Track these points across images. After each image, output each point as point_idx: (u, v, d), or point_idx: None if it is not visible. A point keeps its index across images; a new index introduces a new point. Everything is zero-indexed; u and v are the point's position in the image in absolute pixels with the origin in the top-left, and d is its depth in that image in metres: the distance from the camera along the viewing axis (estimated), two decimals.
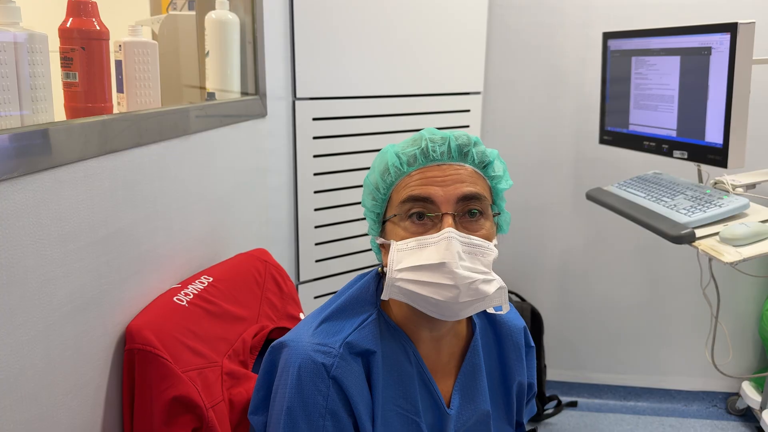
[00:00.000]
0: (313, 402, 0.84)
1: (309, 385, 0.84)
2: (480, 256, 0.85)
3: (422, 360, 0.93)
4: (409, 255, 0.85)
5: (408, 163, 0.89)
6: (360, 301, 0.93)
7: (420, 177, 0.87)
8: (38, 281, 0.80)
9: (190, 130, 1.23)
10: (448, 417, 0.94)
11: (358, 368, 0.87)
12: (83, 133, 0.87)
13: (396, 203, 0.89)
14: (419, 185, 0.87)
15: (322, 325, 0.91)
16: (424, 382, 0.93)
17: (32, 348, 0.79)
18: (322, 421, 0.84)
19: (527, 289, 2.57)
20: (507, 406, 1.02)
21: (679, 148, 1.72)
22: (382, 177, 0.91)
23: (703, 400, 2.54)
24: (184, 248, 1.21)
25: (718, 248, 1.42)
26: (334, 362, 0.85)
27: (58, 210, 0.83)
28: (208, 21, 1.57)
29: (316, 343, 0.87)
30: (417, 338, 0.93)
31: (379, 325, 0.91)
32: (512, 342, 1.02)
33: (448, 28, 2.12)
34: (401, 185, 0.89)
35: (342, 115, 1.96)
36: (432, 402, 0.93)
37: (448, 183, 0.86)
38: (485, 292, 0.84)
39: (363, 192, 0.95)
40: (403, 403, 0.91)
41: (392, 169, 0.89)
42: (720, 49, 1.55)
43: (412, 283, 0.84)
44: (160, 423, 0.95)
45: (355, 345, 0.88)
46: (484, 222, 0.88)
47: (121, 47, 1.18)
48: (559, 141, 2.44)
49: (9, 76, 0.84)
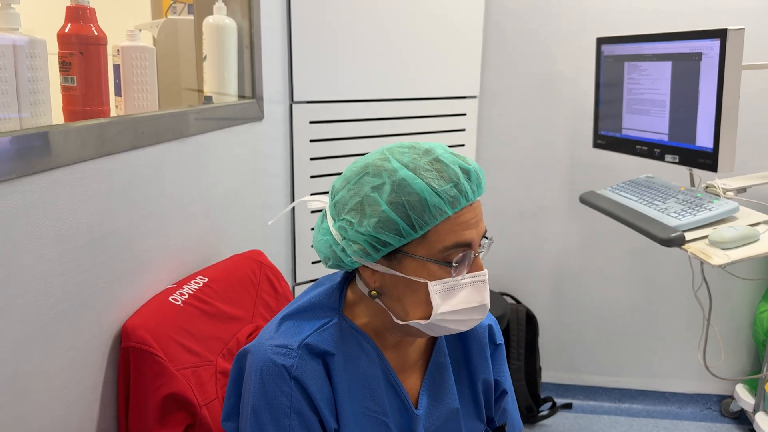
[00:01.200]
0: (278, 403, 0.86)
1: (272, 387, 0.86)
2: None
3: (387, 361, 0.95)
4: (446, 297, 0.87)
5: (451, 205, 0.84)
6: (322, 306, 0.95)
7: (463, 221, 0.86)
8: (35, 279, 0.82)
9: (186, 132, 1.25)
10: (417, 418, 0.96)
11: (318, 368, 0.89)
12: (80, 136, 0.89)
13: (435, 245, 0.85)
14: (463, 229, 0.86)
15: (283, 325, 0.92)
16: (390, 384, 0.95)
17: (30, 344, 0.81)
18: (288, 420, 0.86)
19: (522, 292, 2.59)
20: (475, 403, 1.04)
21: (671, 152, 1.74)
22: (412, 213, 0.84)
23: (698, 403, 2.56)
24: (180, 249, 1.24)
25: (707, 251, 1.44)
26: (294, 363, 0.87)
27: (55, 211, 0.85)
28: (205, 25, 1.60)
29: (275, 346, 0.89)
30: (381, 341, 0.95)
31: (341, 329, 0.93)
32: (476, 340, 1.04)
33: (444, 32, 2.14)
34: (444, 229, 0.85)
35: (338, 119, 1.98)
36: (399, 403, 0.95)
37: (477, 222, 0.88)
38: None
39: (353, 214, 0.87)
40: (371, 405, 0.93)
41: (433, 210, 0.84)
42: (710, 54, 1.57)
43: (452, 323, 0.89)
44: (154, 420, 0.97)
45: (314, 347, 0.89)
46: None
47: (119, 51, 1.21)
48: (554, 145, 2.46)
49: (8, 81, 0.86)
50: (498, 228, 2.56)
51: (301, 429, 0.86)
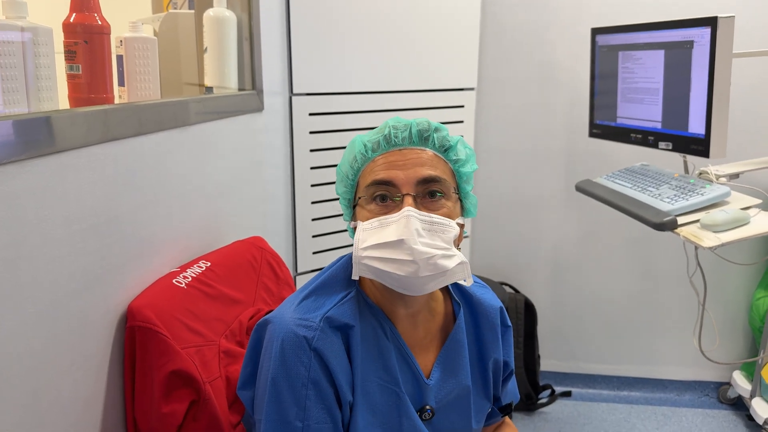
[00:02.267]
0: (296, 372, 0.89)
1: (292, 357, 0.89)
2: (440, 233, 0.90)
3: (400, 335, 0.98)
4: (372, 234, 0.90)
5: (372, 149, 0.95)
6: (339, 279, 0.98)
7: (383, 162, 0.94)
8: (44, 259, 0.85)
9: (188, 121, 1.28)
10: (427, 387, 0.99)
11: (337, 341, 0.92)
12: (86, 121, 0.92)
13: (362, 187, 0.95)
14: (382, 169, 0.93)
15: (304, 301, 0.96)
16: (403, 356, 0.97)
17: (39, 321, 0.84)
18: (304, 390, 0.89)
19: (521, 281, 2.62)
20: (484, 381, 1.07)
21: (664, 139, 1.77)
22: (350, 164, 0.97)
23: (695, 390, 2.59)
24: (183, 234, 1.27)
25: (699, 234, 1.47)
26: (315, 335, 0.90)
27: (62, 193, 0.88)
28: (206, 18, 1.63)
29: (298, 318, 0.92)
30: (394, 315, 0.98)
31: (358, 302, 0.96)
32: (488, 321, 1.07)
33: (442, 25, 2.17)
34: (367, 170, 0.95)
35: (338, 111, 2.01)
36: (411, 374, 0.98)
37: (409, 166, 0.92)
38: (444, 266, 0.89)
39: (336, 181, 1.01)
40: (383, 375, 0.96)
41: (359, 156, 0.96)
42: (701, 42, 1.60)
43: (375, 260, 0.89)
44: (160, 395, 1.00)
45: (334, 319, 0.93)
46: (446, 202, 0.93)
47: (122, 42, 1.24)
48: (551, 135, 2.49)
49: (16, 67, 0.89)
50: (496, 217, 2.59)
51: (317, 399, 0.89)
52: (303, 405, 0.89)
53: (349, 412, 0.93)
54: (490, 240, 2.61)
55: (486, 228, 2.60)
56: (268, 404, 0.90)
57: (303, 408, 0.88)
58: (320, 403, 0.89)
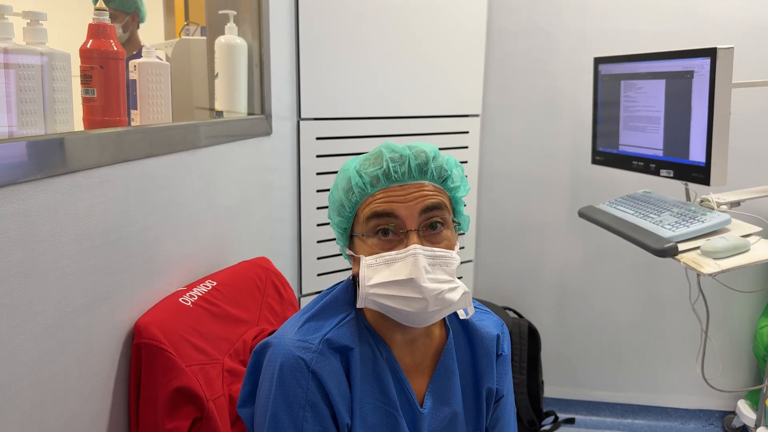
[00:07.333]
0: (294, 394, 0.90)
1: (290, 379, 0.91)
2: (444, 266, 0.92)
3: (396, 361, 0.99)
4: (378, 271, 0.91)
5: (371, 185, 0.94)
6: (339, 302, 1.00)
7: (383, 196, 0.93)
8: (56, 275, 0.87)
9: (198, 144, 1.32)
10: (422, 416, 0.99)
11: (336, 363, 0.93)
12: (100, 143, 0.96)
13: (361, 220, 0.94)
14: (383, 203, 0.92)
15: (306, 324, 0.97)
16: (399, 382, 0.98)
17: (49, 336, 0.86)
18: (302, 412, 0.90)
19: (524, 306, 2.62)
20: (477, 411, 1.07)
21: (666, 167, 1.79)
22: (346, 195, 0.95)
23: (700, 419, 2.57)
24: (191, 254, 1.30)
25: (699, 260, 1.49)
26: (314, 357, 0.91)
27: (75, 211, 0.91)
28: (217, 45, 1.67)
29: (297, 340, 0.93)
30: (390, 340, 0.99)
31: (357, 324, 0.98)
32: (484, 348, 1.07)
33: (448, 53, 2.22)
34: (365, 203, 0.94)
35: (345, 135, 2.05)
36: (406, 401, 0.99)
37: (411, 200, 0.92)
38: (451, 300, 0.91)
39: (329, 208, 1.00)
40: (381, 398, 0.96)
41: (356, 189, 0.94)
42: (701, 72, 1.63)
43: (383, 297, 0.91)
44: (164, 412, 1.02)
45: (334, 341, 0.94)
46: (446, 233, 0.95)
47: (135, 67, 1.28)
48: (555, 161, 2.52)
49: (35, 90, 0.93)
50: (500, 242, 2.60)
51: (314, 421, 0.90)
52: (300, 427, 0.89)
53: None
54: (494, 265, 2.62)
55: (490, 253, 2.61)
56: (267, 426, 0.91)
57: (300, 430, 0.89)
58: (317, 426, 0.90)
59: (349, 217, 0.96)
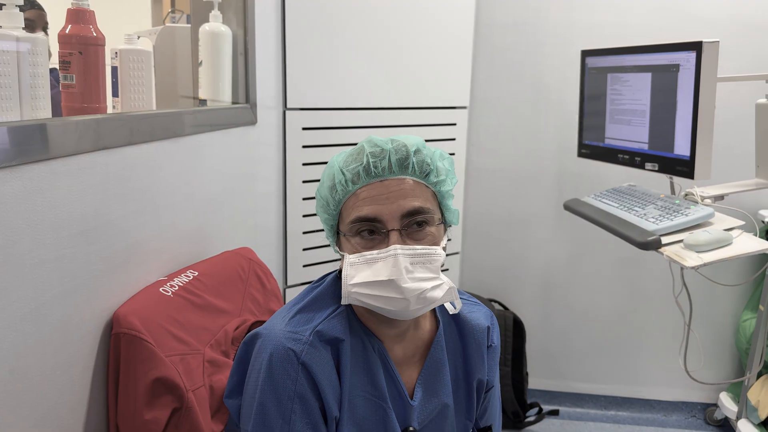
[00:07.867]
0: (283, 386, 0.89)
1: (279, 370, 0.90)
2: (427, 263, 0.91)
3: (387, 353, 0.98)
4: (359, 270, 0.91)
5: (352, 182, 0.93)
6: (329, 294, 0.99)
7: (365, 196, 0.92)
8: (32, 263, 0.86)
9: (181, 132, 1.30)
10: (412, 408, 0.99)
11: (327, 355, 0.93)
12: (78, 130, 0.94)
13: (345, 221, 0.94)
14: (365, 205, 0.91)
15: (296, 316, 0.96)
16: (389, 374, 0.98)
17: (24, 324, 0.85)
18: (290, 403, 0.89)
19: (510, 298, 2.63)
20: (468, 402, 1.07)
21: (651, 160, 1.80)
22: (330, 193, 0.95)
23: (682, 411, 2.59)
24: (172, 243, 1.28)
25: (682, 254, 1.49)
26: (304, 349, 0.91)
27: (52, 198, 0.90)
28: (201, 32, 1.65)
29: (288, 331, 0.93)
30: (380, 333, 0.99)
31: (348, 316, 0.97)
32: (474, 340, 1.07)
33: (436, 44, 2.21)
34: (349, 204, 0.93)
35: (331, 126, 2.04)
36: (396, 392, 0.99)
37: (392, 199, 0.91)
38: (434, 298, 0.91)
39: (316, 203, 1.00)
40: (371, 390, 0.96)
41: (338, 186, 0.94)
42: (687, 66, 1.63)
43: (365, 296, 0.91)
44: (143, 402, 1.01)
45: (324, 333, 0.93)
46: (430, 229, 0.93)
47: (117, 54, 1.26)
48: (542, 154, 2.52)
49: (10, 75, 0.91)
50: (486, 235, 2.61)
51: (302, 413, 0.90)
52: (288, 419, 0.89)
53: (335, 427, 0.93)
54: (480, 257, 2.63)
55: (476, 245, 2.62)
56: (255, 417, 0.90)
57: (288, 422, 0.89)
58: (305, 418, 0.90)
59: (334, 214, 0.96)
